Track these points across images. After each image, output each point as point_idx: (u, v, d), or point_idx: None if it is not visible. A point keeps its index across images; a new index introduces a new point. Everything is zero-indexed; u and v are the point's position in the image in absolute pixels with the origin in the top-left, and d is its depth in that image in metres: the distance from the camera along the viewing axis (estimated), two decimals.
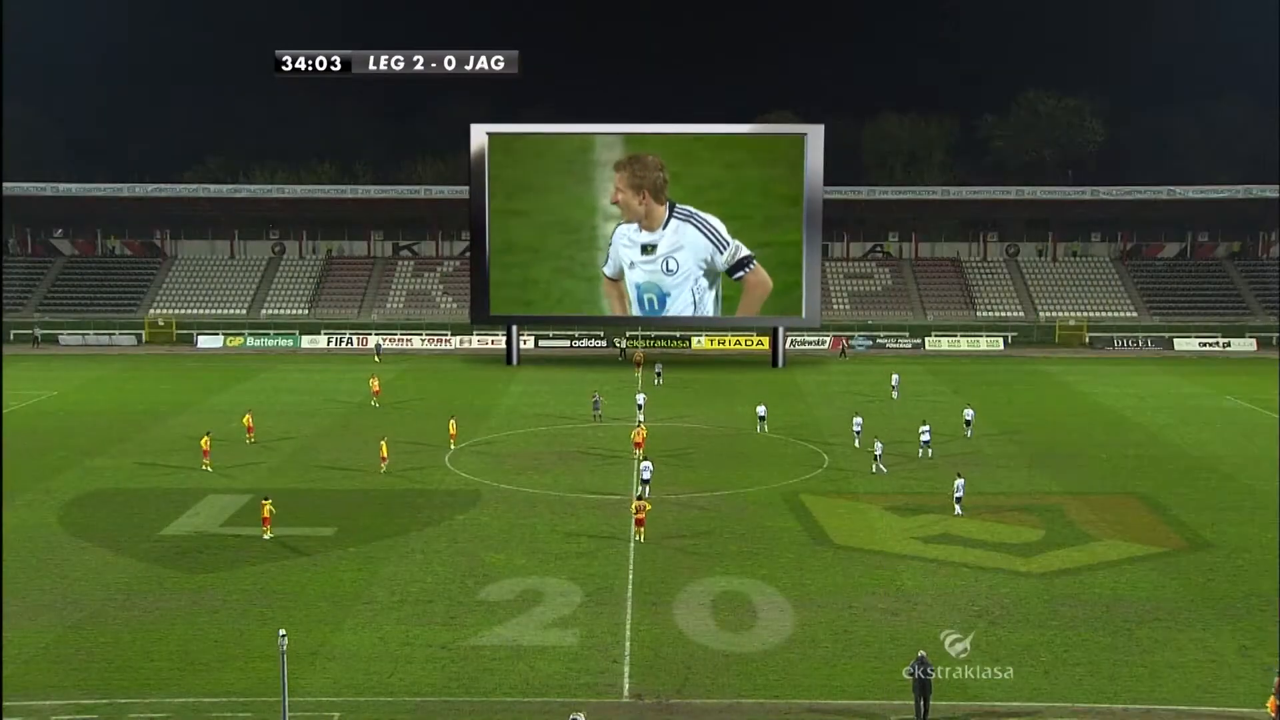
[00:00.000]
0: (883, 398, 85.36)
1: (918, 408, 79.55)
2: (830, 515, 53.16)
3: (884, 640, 37.99)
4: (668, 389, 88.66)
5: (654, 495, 55.75)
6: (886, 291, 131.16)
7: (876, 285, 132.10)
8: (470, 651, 37.02)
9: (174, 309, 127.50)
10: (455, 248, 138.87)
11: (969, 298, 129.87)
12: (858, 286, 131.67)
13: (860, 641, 38.02)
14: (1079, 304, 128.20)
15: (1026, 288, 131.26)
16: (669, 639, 38.14)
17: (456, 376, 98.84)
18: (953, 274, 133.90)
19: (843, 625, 39.36)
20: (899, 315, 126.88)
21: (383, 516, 52.96)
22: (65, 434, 71.74)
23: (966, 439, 68.58)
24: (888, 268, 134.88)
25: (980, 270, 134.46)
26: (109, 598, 42.03)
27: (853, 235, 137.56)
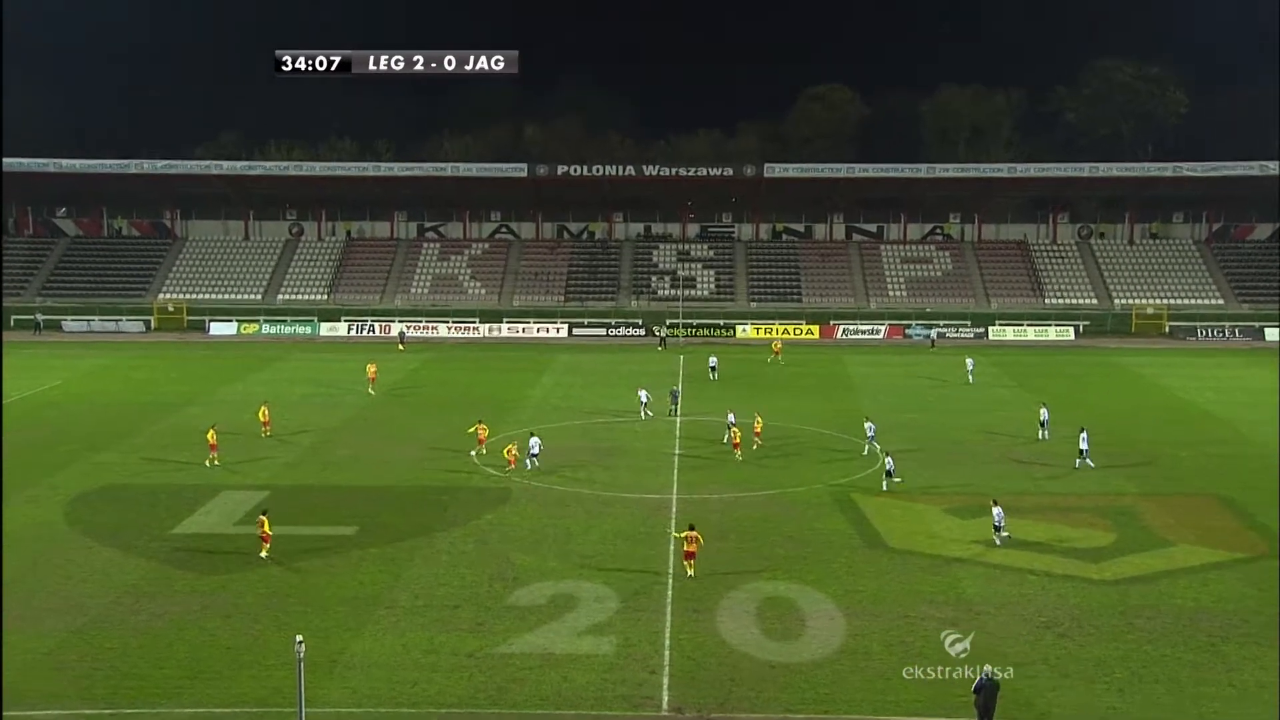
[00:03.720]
0: (956, 383, 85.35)
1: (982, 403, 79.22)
2: (884, 516, 52.92)
3: (943, 651, 37.63)
4: (689, 387, 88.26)
5: (695, 495, 55.75)
6: (947, 277, 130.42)
7: (936, 270, 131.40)
8: (499, 660, 37.10)
9: (185, 294, 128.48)
10: (484, 229, 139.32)
11: (1037, 284, 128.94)
12: (915, 272, 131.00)
13: (917, 653, 37.78)
14: (1158, 290, 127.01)
15: (1100, 273, 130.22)
16: (711, 648, 38.08)
17: (484, 366, 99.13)
18: (1019, 258, 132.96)
19: (898, 636, 39.18)
20: (960, 303, 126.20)
21: (406, 515, 53.15)
22: (69, 426, 72.44)
23: (1040, 441, 67.90)
24: (948, 251, 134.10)
25: (1049, 254, 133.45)
26: (115, 601, 42.38)
27: (910, 216, 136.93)
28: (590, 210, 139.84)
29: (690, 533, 44.59)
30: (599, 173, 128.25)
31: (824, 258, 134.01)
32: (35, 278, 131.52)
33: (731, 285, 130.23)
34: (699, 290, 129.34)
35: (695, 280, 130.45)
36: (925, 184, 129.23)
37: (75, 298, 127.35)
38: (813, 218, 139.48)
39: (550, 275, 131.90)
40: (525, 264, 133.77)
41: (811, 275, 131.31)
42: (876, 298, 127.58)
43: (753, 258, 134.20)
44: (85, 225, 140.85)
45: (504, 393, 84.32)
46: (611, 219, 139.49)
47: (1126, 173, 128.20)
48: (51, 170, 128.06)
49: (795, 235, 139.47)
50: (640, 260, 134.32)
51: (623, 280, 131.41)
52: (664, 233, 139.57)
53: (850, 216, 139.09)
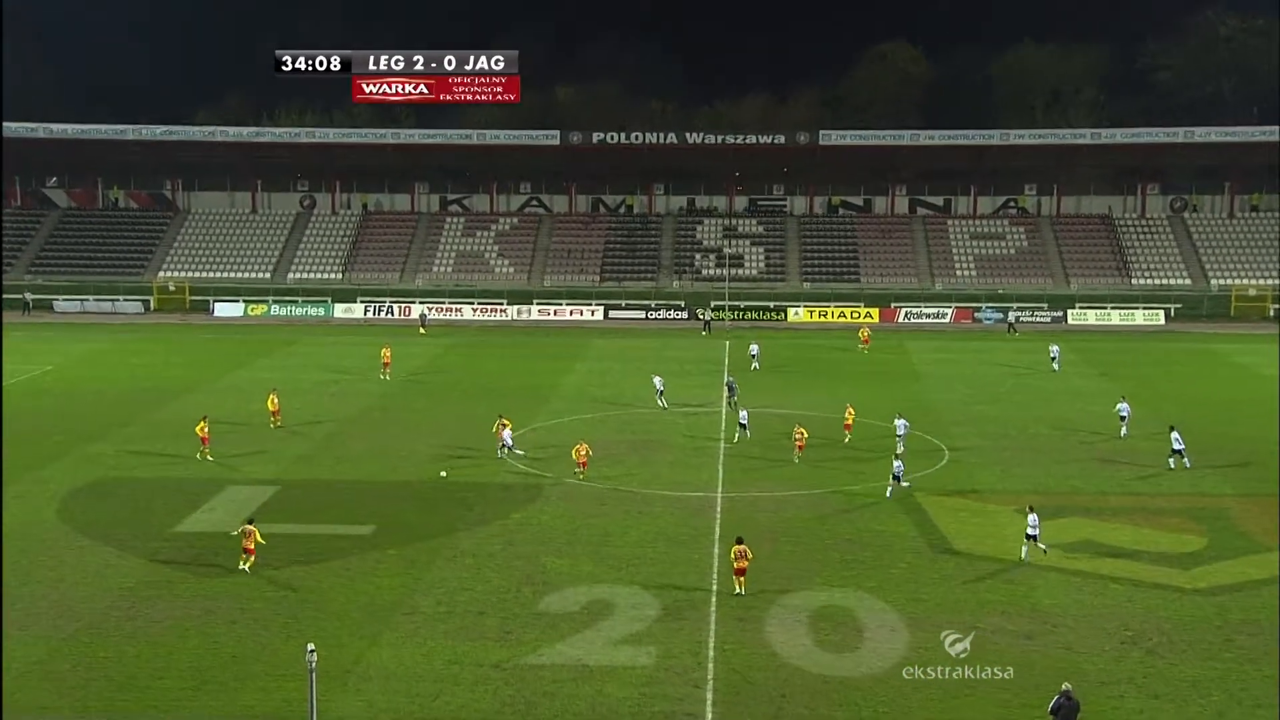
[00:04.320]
0: (1033, 372, 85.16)
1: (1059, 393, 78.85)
2: (951, 518, 52.77)
3: (1015, 668, 37.54)
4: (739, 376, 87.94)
5: (743, 493, 55.78)
6: (1021, 255, 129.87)
7: (1009, 248, 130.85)
8: (528, 672, 37.29)
9: (187, 271, 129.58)
10: (512, 202, 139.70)
11: (1122, 262, 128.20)
12: (986, 249, 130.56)
13: (988, 669, 37.72)
14: (1261, 269, 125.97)
15: (1195, 250, 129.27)
16: (759, 661, 38.14)
17: (512, 352, 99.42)
18: (1103, 234, 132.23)
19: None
20: (1036, 283, 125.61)
21: (427, 513, 53.42)
22: (61, 415, 73.13)
23: (1121, 439, 67.43)
24: (1023, 227, 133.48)
25: (1137, 229, 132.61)
26: (111, 605, 42.76)
27: (981, 189, 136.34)
28: (628, 182, 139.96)
29: (739, 547, 43.40)
30: (638, 141, 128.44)
31: (884, 234, 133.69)
32: (24, 253, 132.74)
33: (782, 264, 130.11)
34: (747, 269, 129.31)
35: (743, 258, 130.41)
36: (998, 152, 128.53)
37: (67, 275, 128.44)
38: (872, 190, 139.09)
39: (584, 253, 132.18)
40: (557, 241, 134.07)
41: (871, 253, 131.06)
42: (942, 278, 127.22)
43: (806, 234, 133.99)
44: (78, 196, 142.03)
45: (534, 381, 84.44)
46: (651, 191, 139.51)
47: (1227, 138, 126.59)
48: (41, 136, 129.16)
49: (853, 209, 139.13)
50: (683, 237, 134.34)
51: (663, 258, 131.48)
52: (709, 206, 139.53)
53: (914, 189, 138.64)
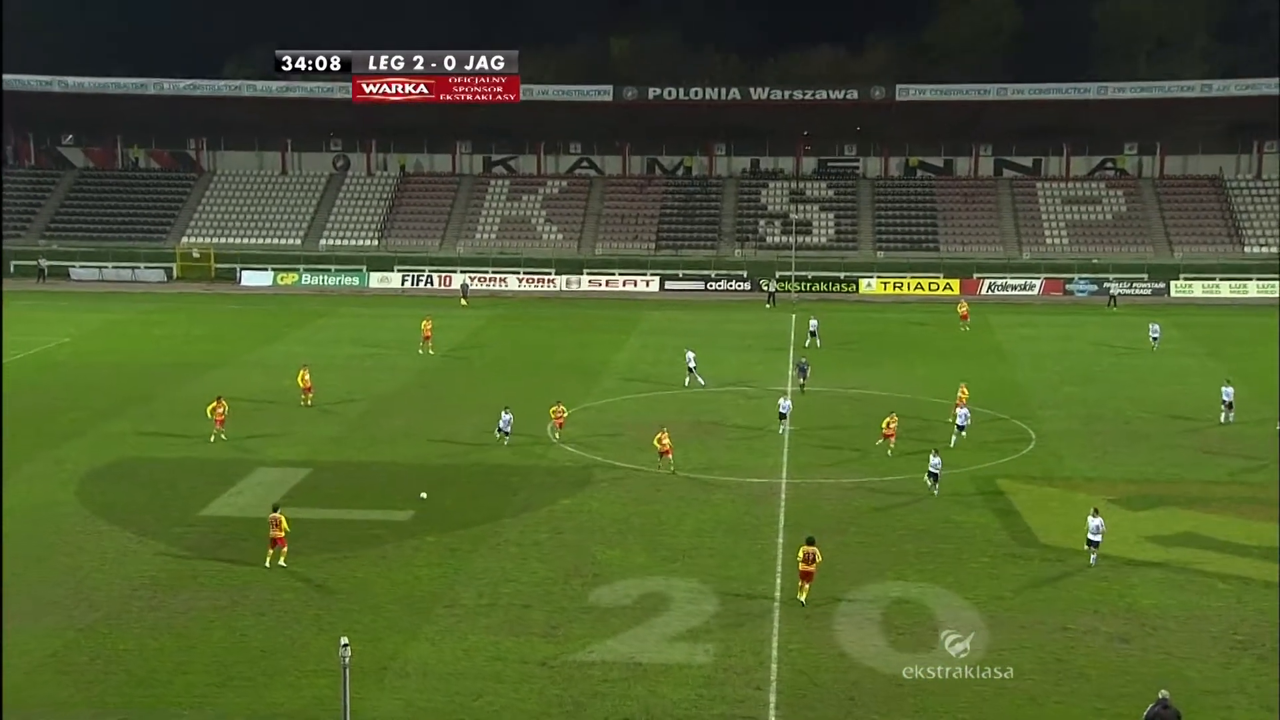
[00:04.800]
0: (1131, 350, 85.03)
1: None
2: (1037, 508, 52.56)
3: (1110, 674, 37.29)
4: (806, 353, 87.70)
5: (809, 479, 55.68)
6: (1119, 221, 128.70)
7: (1105, 212, 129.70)
8: (576, 670, 37.38)
9: (212, 237, 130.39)
10: (561, 164, 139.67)
11: (1234, 228, 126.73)
12: (1080, 215, 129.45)
13: (1078, 674, 37.37)
14: None
15: None
16: (826, 661, 38.07)
17: (560, 325, 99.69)
18: (1212, 197, 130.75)
19: (1055, 652, 38.77)
20: (1135, 252, 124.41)
21: (469, 499, 53.68)
22: (77, 391, 73.92)
23: (1222, 425, 66.74)
24: (1121, 190, 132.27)
25: (1251, 192, 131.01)
26: (131, 594, 43.17)
27: (1075, 148, 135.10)
28: (687, 141, 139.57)
29: (808, 548, 42.08)
30: (698, 96, 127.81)
31: (967, 198, 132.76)
32: (38, 216, 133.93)
33: (854, 231, 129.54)
34: (815, 237, 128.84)
35: (811, 225, 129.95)
36: (1095, 108, 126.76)
37: (84, 240, 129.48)
38: (954, 150, 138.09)
39: (639, 219, 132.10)
40: (609, 205, 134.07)
41: (951, 219, 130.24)
42: (1031, 246, 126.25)
43: (880, 198, 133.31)
44: (96, 155, 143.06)
45: (583, 357, 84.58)
46: (712, 152, 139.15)
47: None
48: (56, 90, 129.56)
49: (932, 171, 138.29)
50: (746, 201, 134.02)
51: (724, 225, 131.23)
52: (774, 168, 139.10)
53: (1000, 149, 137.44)
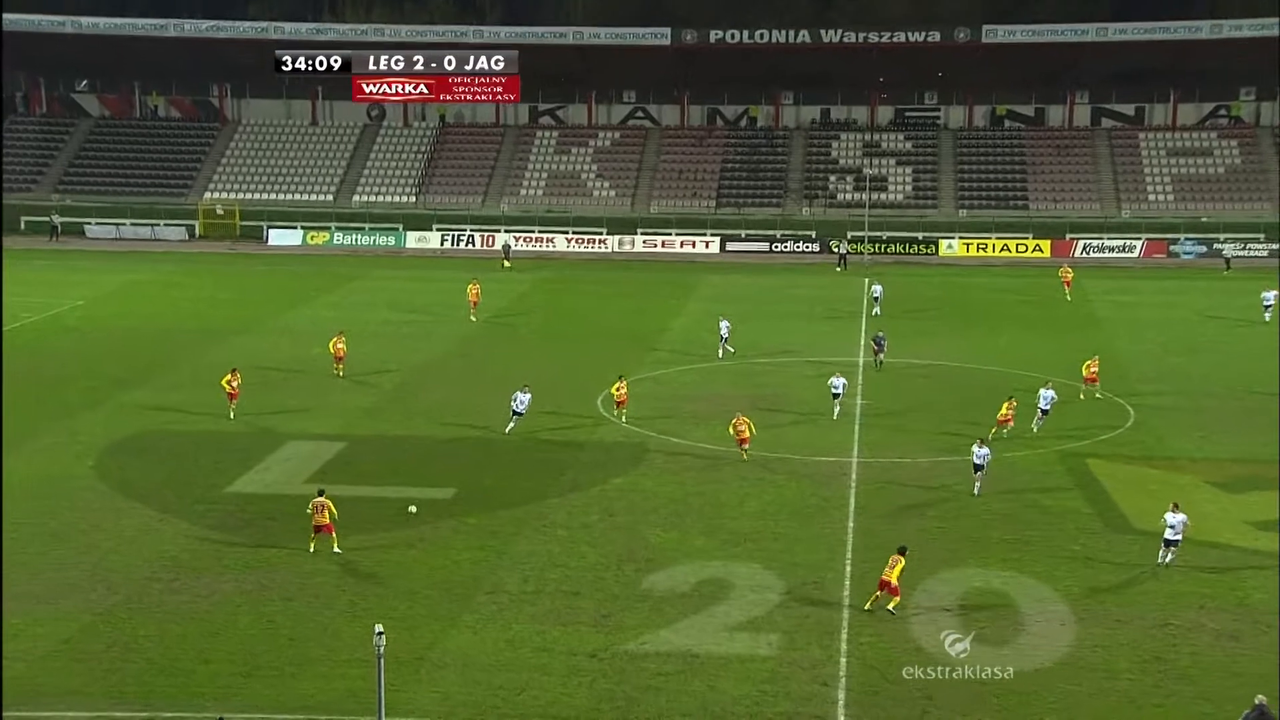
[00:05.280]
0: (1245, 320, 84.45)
1: None
2: (1136, 491, 52.18)
3: (1217, 675, 36.83)
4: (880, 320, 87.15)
5: (882, 458, 55.55)
6: (1232, 175, 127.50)
7: (1217, 166, 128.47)
8: (628, 662, 37.44)
9: (237, 193, 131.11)
10: (614, 114, 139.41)
11: None
12: (1187, 168, 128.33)
13: (1180, 675, 36.93)
14: None
15: None
16: (900, 656, 37.92)
17: (612, 289, 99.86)
18: None
19: (1154, 650, 38.43)
20: (1251, 209, 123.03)
21: (513, 477, 53.82)
22: (93, 358, 74.54)
23: None
24: (1235, 140, 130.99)
25: None
26: (151, 576, 43.49)
27: (1184, 94, 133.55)
28: (751, 89, 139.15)
29: (900, 558, 41.04)
30: (763, 40, 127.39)
31: (1060, 151, 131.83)
32: (51, 169, 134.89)
33: (934, 187, 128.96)
34: (891, 194, 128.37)
35: (887, 181, 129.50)
36: (1206, 49, 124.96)
37: (100, 195, 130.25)
38: (1046, 98, 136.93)
39: (698, 174, 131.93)
40: (666, 159, 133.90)
41: (1042, 174, 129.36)
42: (1132, 203, 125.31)
43: (964, 151, 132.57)
44: (112, 103, 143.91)
45: (637, 324, 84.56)
46: (779, 101, 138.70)
47: None
48: (69, 31, 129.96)
49: (1022, 121, 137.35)
50: (815, 155, 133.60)
51: (791, 181, 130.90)
52: (847, 119, 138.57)
53: (1099, 95, 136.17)
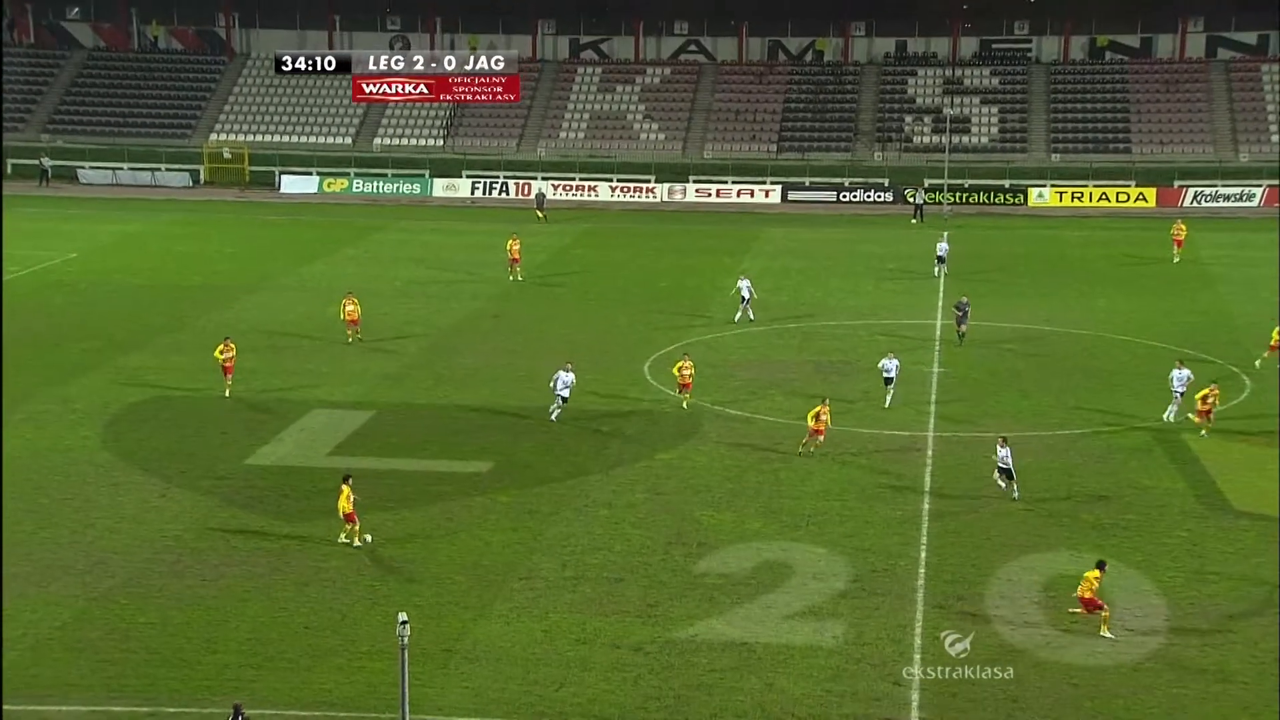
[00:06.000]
0: None
1: None
2: (1252, 470, 52.24)
3: None
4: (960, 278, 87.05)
5: (961, 433, 55.73)
6: None
7: None
8: (677, 656, 37.69)
9: (246, 134, 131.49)
10: (664, 47, 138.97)
11: None
12: None
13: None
14: None
15: None
16: (982, 653, 37.91)
17: (661, 244, 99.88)
18: None
19: (1274, 650, 38.18)
20: None
21: (551, 451, 54.30)
22: (87, 317, 75.22)
23: None
24: None
25: None
26: (153, 558, 44.03)
27: None
28: (817, 19, 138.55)
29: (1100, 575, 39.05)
30: None
31: (1169, 86, 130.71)
32: (39, 106, 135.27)
33: (1024, 130, 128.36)
34: (975, 137, 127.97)
35: (969, 122, 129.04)
36: None
37: (94, 135, 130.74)
38: (1154, 25, 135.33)
39: (757, 115, 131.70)
40: (722, 98, 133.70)
41: (1148, 114, 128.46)
42: (1251, 145, 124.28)
43: (1058, 88, 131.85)
44: (107, 34, 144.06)
45: (688, 282, 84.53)
46: (848, 32, 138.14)
47: None
48: None
49: (1125, 53, 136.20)
50: (889, 93, 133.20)
51: (862, 123, 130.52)
52: (925, 52, 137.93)
53: (1215, 22, 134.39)
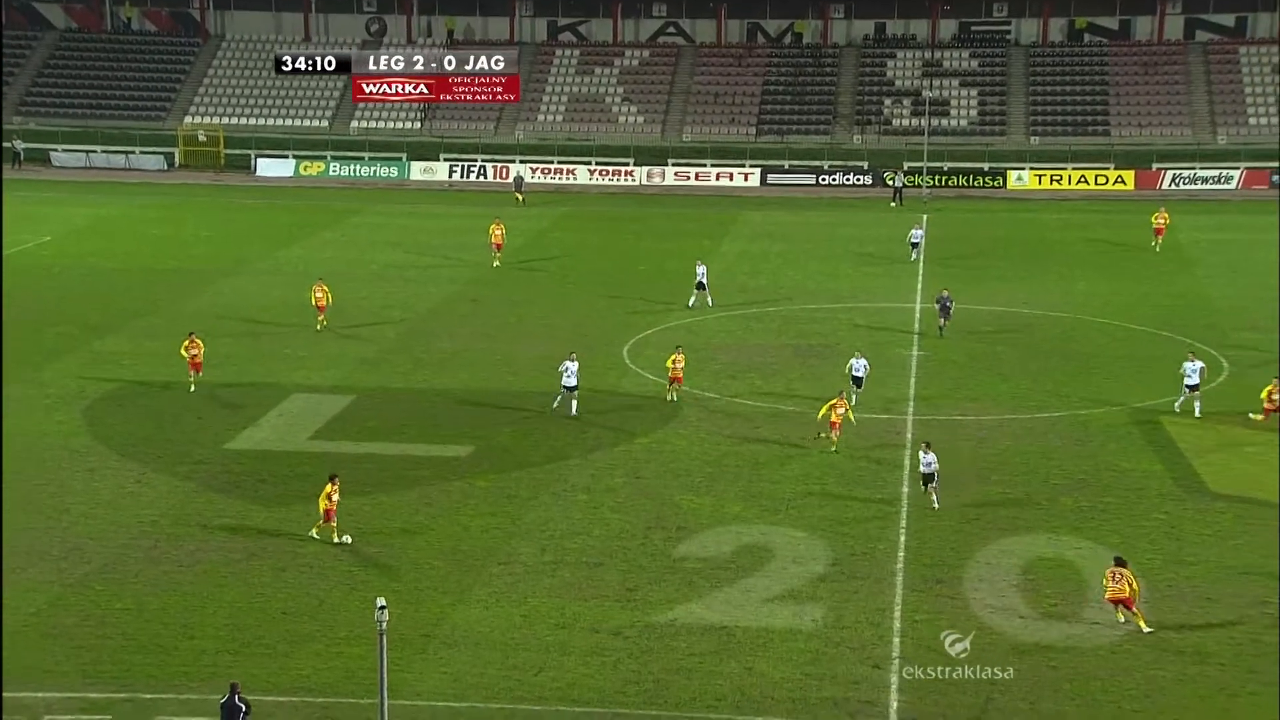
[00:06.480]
0: None
1: None
2: (1229, 453, 52.41)
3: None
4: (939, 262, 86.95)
5: (941, 415, 55.70)
6: None
7: None
8: (656, 641, 37.66)
9: (221, 117, 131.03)
10: (643, 29, 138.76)
11: None
12: None
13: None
14: None
15: None
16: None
17: (640, 227, 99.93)
18: None
19: (1251, 632, 38.32)
20: None
21: (530, 435, 54.25)
22: (63, 301, 75.07)
23: None
24: None
25: None
26: (129, 543, 43.92)
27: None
28: (795, 2, 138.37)
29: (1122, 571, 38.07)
30: None
31: (1147, 69, 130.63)
32: (10, 89, 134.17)
33: (1003, 112, 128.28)
34: (954, 119, 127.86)
35: (949, 105, 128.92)
36: None
37: (67, 119, 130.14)
38: (1132, 7, 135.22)
39: (737, 97, 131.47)
40: (701, 81, 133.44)
41: (1127, 96, 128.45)
42: (1229, 127, 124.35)
43: (1037, 71, 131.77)
44: (79, 15, 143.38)
45: (667, 266, 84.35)
46: (828, 14, 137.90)
47: None
48: None
49: (1104, 35, 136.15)
50: (868, 75, 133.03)
51: (841, 105, 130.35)
52: (904, 34, 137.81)
53: (1193, 4, 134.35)
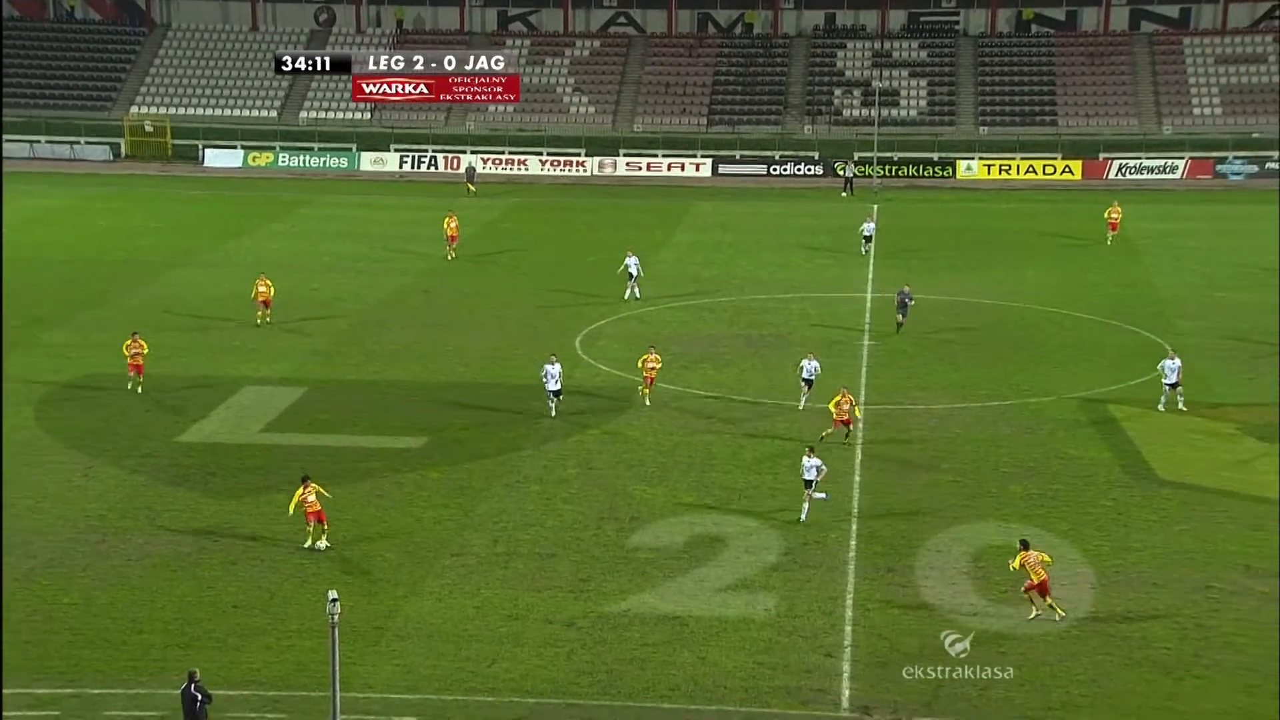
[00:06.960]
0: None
1: None
2: (1174, 440, 52.68)
3: (1264, 643, 36.78)
4: (890, 253, 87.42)
5: (893, 404, 55.76)
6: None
7: (1272, 74, 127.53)
8: (609, 631, 37.68)
9: (168, 107, 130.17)
10: (593, 19, 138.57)
11: None
12: (1237, 77, 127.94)
13: (1224, 643, 36.98)
14: None
15: None
16: (911, 624, 38.20)
17: (592, 218, 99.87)
18: None
19: (1196, 616, 38.63)
20: None
21: (482, 426, 54.16)
22: (9, 294, 73.80)
23: None
24: None
25: None
26: (76, 537, 43.65)
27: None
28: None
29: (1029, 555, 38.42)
30: None
31: (1093, 60, 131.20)
32: None
33: (953, 102, 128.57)
34: (904, 110, 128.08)
35: (899, 95, 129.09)
36: None
37: (10, 109, 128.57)
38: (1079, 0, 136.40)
39: (688, 88, 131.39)
40: (652, 71, 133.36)
41: (1073, 86, 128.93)
42: (1174, 118, 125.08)
43: (985, 61, 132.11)
44: (21, 4, 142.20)
45: (619, 256, 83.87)
46: (778, 4, 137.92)
47: None
48: None
49: (1051, 26, 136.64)
50: (818, 66, 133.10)
51: (792, 95, 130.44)
52: (854, 25, 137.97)
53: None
